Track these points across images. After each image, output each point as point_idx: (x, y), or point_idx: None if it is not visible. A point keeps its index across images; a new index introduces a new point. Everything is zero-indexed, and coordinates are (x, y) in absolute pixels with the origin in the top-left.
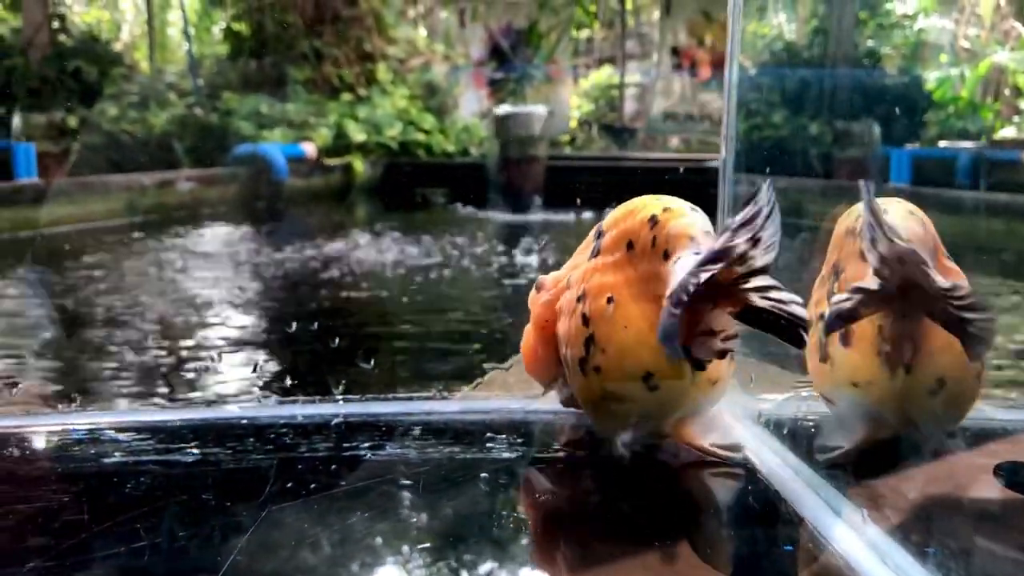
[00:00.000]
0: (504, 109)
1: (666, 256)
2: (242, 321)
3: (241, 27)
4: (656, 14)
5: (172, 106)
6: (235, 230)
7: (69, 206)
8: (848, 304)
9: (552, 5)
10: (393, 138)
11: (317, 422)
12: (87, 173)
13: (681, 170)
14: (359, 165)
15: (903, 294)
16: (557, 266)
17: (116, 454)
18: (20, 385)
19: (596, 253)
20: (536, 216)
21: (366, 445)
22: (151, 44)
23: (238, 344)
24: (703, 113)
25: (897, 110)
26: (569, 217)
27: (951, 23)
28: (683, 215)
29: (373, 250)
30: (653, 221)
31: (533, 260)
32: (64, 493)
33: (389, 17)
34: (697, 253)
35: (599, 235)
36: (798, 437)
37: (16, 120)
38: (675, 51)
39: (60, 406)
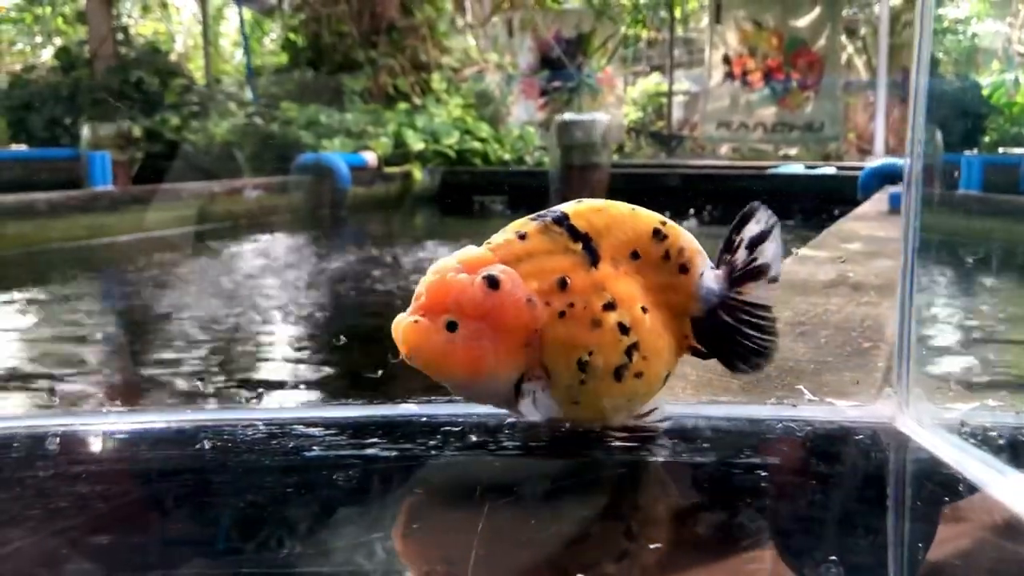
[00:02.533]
0: (567, 116)
1: (683, 270)
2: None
3: (298, 38)
4: (705, 21)
5: (232, 116)
6: (301, 237)
7: (142, 213)
8: None
9: (609, 13)
10: (450, 146)
11: (493, 421)
12: (152, 181)
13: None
14: (417, 173)
15: None
16: None
17: (315, 448)
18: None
19: (595, 261)
20: None
21: (545, 444)
22: (206, 55)
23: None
24: (756, 122)
25: (958, 115)
26: None
27: (1005, 27)
28: (679, 229)
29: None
30: (659, 235)
31: None
32: (284, 485)
33: (443, 27)
34: (713, 268)
35: (578, 238)
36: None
37: (85, 130)
38: (726, 59)
39: (247, 400)
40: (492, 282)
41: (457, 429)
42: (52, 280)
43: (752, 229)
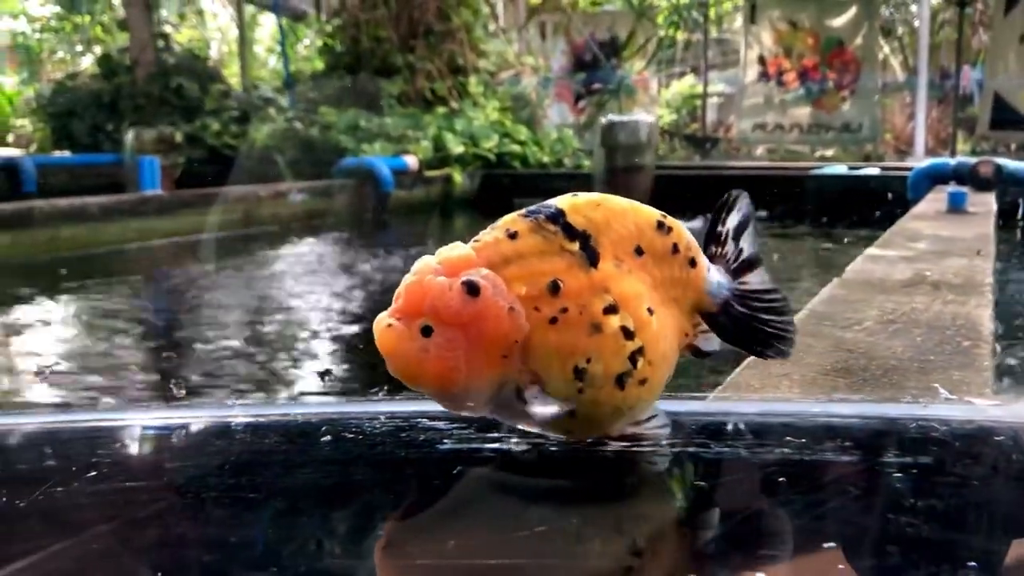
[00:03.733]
0: (611, 118)
1: (692, 264)
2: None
3: (336, 43)
4: (738, 22)
5: (271, 120)
6: (347, 239)
7: (190, 217)
8: None
9: (649, 15)
10: (490, 150)
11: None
12: (194, 186)
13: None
14: (458, 176)
15: None
16: None
17: (446, 441)
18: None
19: (594, 260)
20: None
21: (698, 443)
22: (242, 61)
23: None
24: (791, 123)
25: None
26: None
27: None
28: (679, 222)
29: None
30: (663, 227)
31: None
32: (431, 477)
33: (479, 31)
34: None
35: (575, 237)
36: None
37: (130, 135)
38: (761, 60)
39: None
40: (472, 288)
41: None
42: (118, 281)
43: (734, 219)
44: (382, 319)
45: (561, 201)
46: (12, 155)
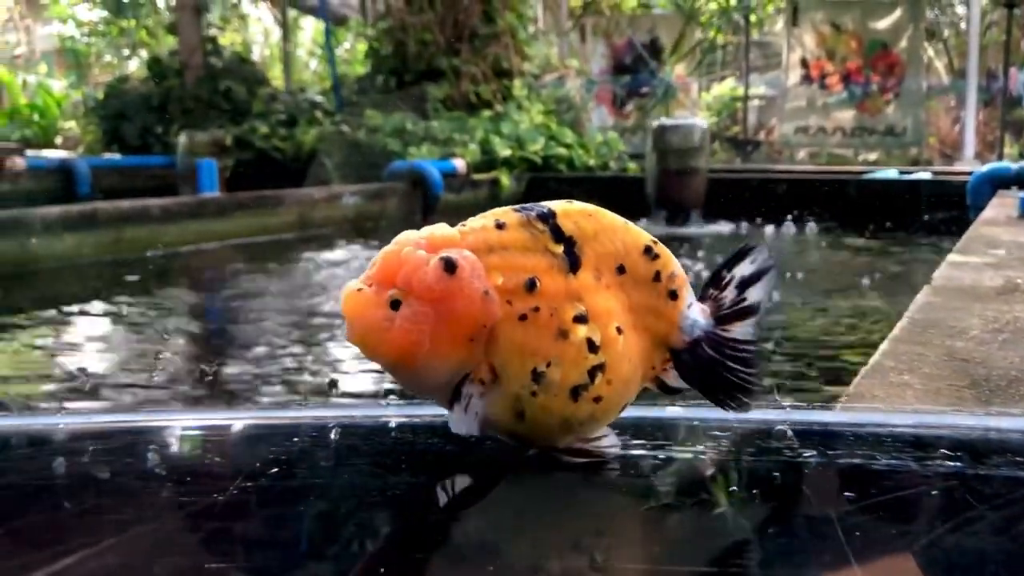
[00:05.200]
0: (664, 121)
1: (672, 296)
2: None
3: (381, 46)
4: (779, 24)
5: (318, 124)
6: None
7: (247, 219)
8: None
9: (697, 18)
10: (536, 152)
11: (760, 428)
12: (243, 188)
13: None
14: (505, 179)
15: None
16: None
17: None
18: None
19: (575, 267)
20: (695, 229)
21: (859, 455)
22: (286, 65)
23: None
24: (834, 126)
25: None
26: (729, 229)
27: None
28: (670, 253)
29: None
30: (650, 252)
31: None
32: (583, 483)
33: (524, 34)
34: (697, 302)
35: (561, 240)
36: None
37: (182, 138)
38: (804, 62)
39: None
40: (449, 265)
41: (725, 434)
42: (190, 283)
43: (745, 268)
44: (352, 284)
45: (556, 204)
46: (67, 157)
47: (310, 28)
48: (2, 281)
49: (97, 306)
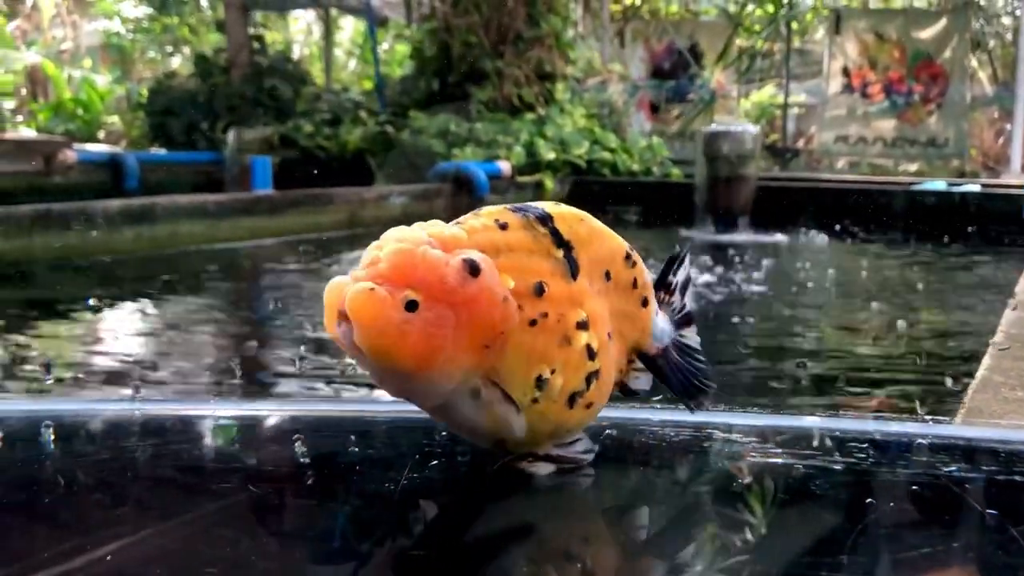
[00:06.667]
0: (714, 127)
1: (644, 303)
2: None
3: (425, 47)
4: (820, 32)
5: (363, 123)
6: None
7: (298, 216)
8: None
9: (746, 25)
10: (580, 156)
11: (900, 440)
12: (289, 186)
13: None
14: (549, 182)
15: None
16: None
17: (752, 456)
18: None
19: (575, 273)
20: (744, 236)
21: (992, 470)
22: (327, 64)
23: None
24: (875, 136)
25: None
26: (778, 238)
27: None
28: (639, 257)
29: None
30: (629, 260)
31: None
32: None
33: (567, 37)
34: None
35: (561, 244)
36: None
37: (231, 135)
38: (845, 71)
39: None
40: (473, 268)
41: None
42: (250, 277)
43: (682, 274)
44: (354, 283)
45: (546, 205)
46: (116, 151)
47: (349, 28)
48: (68, 271)
49: (168, 295)
